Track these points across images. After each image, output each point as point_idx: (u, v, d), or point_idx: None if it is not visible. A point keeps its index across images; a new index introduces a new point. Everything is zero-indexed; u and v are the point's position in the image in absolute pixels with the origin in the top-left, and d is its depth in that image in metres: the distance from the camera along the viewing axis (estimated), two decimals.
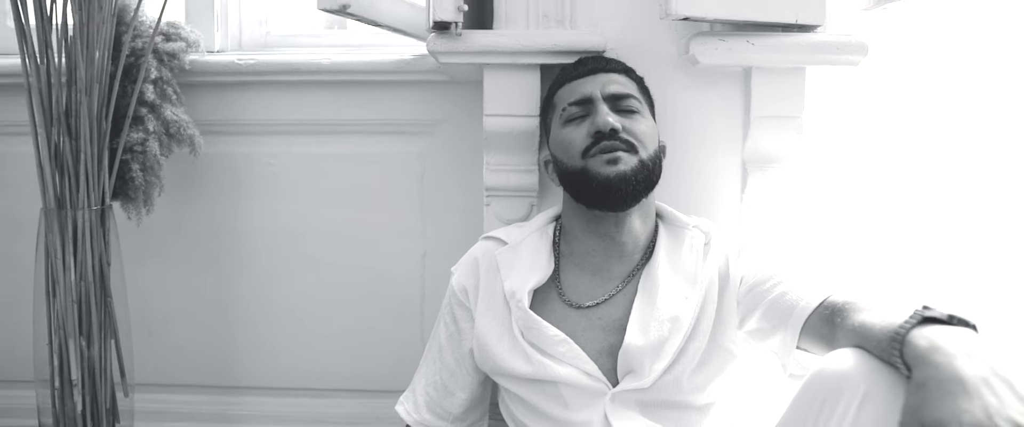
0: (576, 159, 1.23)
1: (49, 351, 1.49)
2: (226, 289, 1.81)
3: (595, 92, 1.27)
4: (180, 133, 1.61)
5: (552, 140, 1.32)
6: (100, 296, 1.50)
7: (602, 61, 1.33)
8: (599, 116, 1.23)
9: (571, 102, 1.27)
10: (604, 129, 1.21)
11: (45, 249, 1.48)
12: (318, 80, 1.72)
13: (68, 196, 1.47)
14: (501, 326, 1.27)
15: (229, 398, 1.84)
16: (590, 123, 1.24)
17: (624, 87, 1.29)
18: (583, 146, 1.23)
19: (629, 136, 1.23)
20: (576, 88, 1.29)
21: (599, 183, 1.20)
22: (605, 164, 1.20)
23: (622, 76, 1.32)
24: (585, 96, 1.27)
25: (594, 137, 1.22)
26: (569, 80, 1.31)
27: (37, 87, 1.46)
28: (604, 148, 1.21)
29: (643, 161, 1.22)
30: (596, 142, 1.22)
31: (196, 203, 1.77)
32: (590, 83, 1.28)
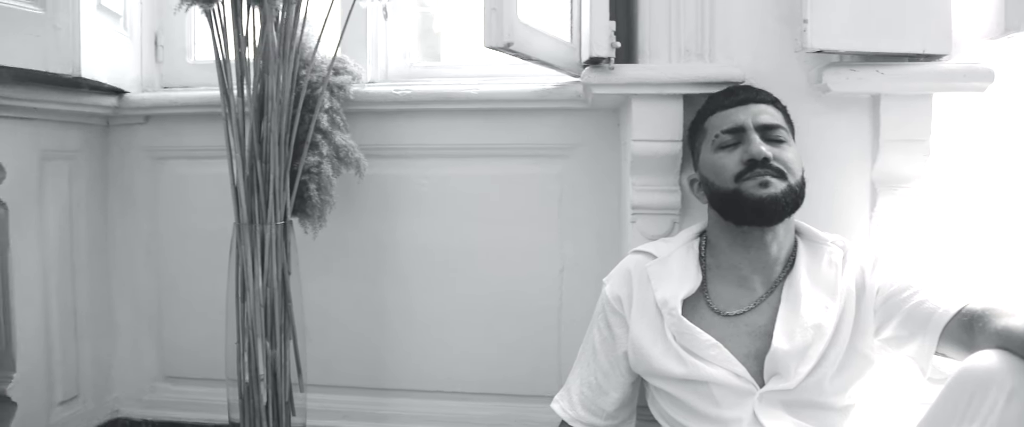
0: (729, 182, 1.35)
1: (238, 350, 1.68)
2: (380, 298, 1.98)
3: (747, 121, 1.38)
4: (348, 157, 1.80)
5: (702, 162, 1.43)
6: (282, 302, 1.69)
7: (752, 92, 1.44)
8: (752, 145, 1.34)
9: (724, 130, 1.39)
10: (757, 157, 1.32)
11: (237, 259, 1.68)
12: (467, 108, 1.89)
13: (257, 212, 1.66)
14: (654, 331, 1.39)
15: (380, 399, 2.01)
16: (742, 151, 1.35)
17: (773, 118, 1.40)
18: (736, 171, 1.34)
19: (779, 164, 1.34)
20: (728, 117, 1.40)
21: (752, 203, 1.32)
22: (757, 187, 1.32)
23: (771, 106, 1.42)
24: (738, 125, 1.38)
25: (747, 164, 1.34)
26: (721, 108, 1.42)
27: (233, 117, 1.66)
28: (756, 174, 1.32)
29: (791, 185, 1.34)
30: (749, 168, 1.33)
31: (356, 220, 1.95)
32: (742, 113, 1.39)
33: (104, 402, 2.10)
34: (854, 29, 1.50)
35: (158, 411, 2.11)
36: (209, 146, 1.98)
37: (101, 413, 2.09)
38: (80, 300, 2.00)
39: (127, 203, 2.10)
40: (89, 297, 2.04)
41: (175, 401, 2.11)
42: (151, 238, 2.09)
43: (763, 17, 1.60)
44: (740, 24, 1.60)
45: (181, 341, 2.09)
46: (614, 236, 1.88)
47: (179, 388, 2.11)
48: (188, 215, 2.06)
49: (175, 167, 2.07)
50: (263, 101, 1.66)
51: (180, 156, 2.06)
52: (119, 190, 2.10)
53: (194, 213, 2.05)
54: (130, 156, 2.08)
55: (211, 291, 2.00)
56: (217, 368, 1.96)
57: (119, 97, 2.01)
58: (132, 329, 2.12)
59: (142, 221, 2.09)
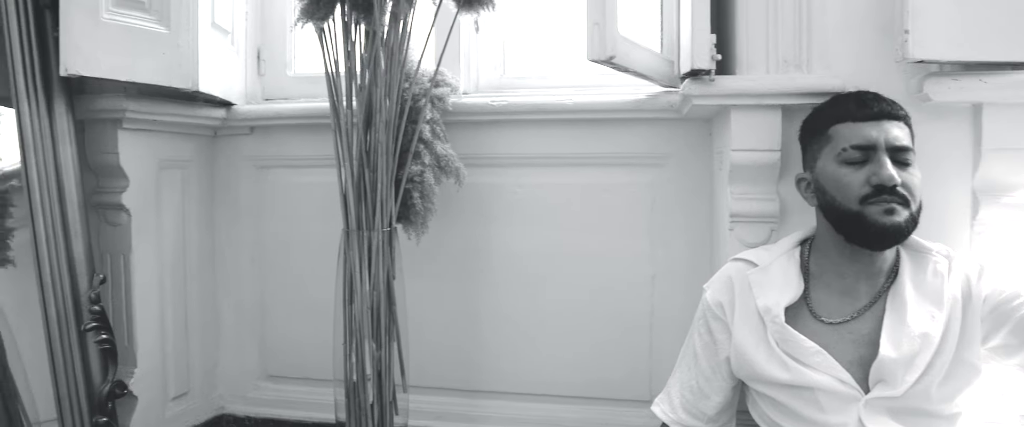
0: (852, 202, 1.34)
1: (345, 351, 1.76)
2: (474, 302, 2.05)
3: (880, 140, 1.34)
4: (449, 166, 1.87)
5: (821, 171, 1.41)
6: (387, 305, 1.76)
7: (886, 105, 1.39)
8: (883, 170, 1.31)
9: (853, 145, 1.35)
10: (887, 184, 1.30)
11: (345, 263, 1.76)
12: (561, 118, 1.95)
13: (364, 219, 1.74)
14: (757, 337, 1.42)
15: (472, 400, 2.07)
16: (871, 172, 1.33)
17: (904, 139, 1.37)
18: (861, 193, 1.32)
19: (905, 191, 1.32)
20: (860, 131, 1.36)
21: (875, 230, 1.32)
22: (882, 214, 1.31)
23: (902, 124, 1.39)
24: (869, 143, 1.35)
25: (875, 188, 1.31)
26: (852, 119, 1.38)
27: (343, 128, 1.74)
28: (883, 200, 1.31)
29: (912, 213, 1.33)
30: (875, 193, 1.31)
31: (452, 226, 2.02)
32: (875, 129, 1.36)
33: (210, 399, 2.21)
34: (956, 38, 1.50)
35: (260, 409, 2.21)
36: (310, 155, 2.09)
37: (208, 409, 2.20)
38: (191, 302, 2.12)
39: (233, 210, 2.21)
40: (198, 299, 2.15)
41: (276, 399, 2.20)
42: (255, 243, 2.20)
43: (861, 27, 1.61)
44: (837, 34, 1.62)
45: (282, 342, 2.19)
46: (705, 243, 1.91)
47: (280, 386, 2.20)
48: (290, 222, 2.16)
49: (278, 176, 2.17)
50: (370, 113, 1.73)
51: (282, 165, 2.16)
52: (225, 197, 2.21)
53: (296, 220, 2.15)
54: (236, 165, 2.19)
55: (311, 294, 2.10)
56: (316, 368, 2.06)
57: (227, 109, 2.12)
58: (236, 330, 2.23)
59: (246, 227, 2.20)
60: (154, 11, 1.78)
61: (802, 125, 1.50)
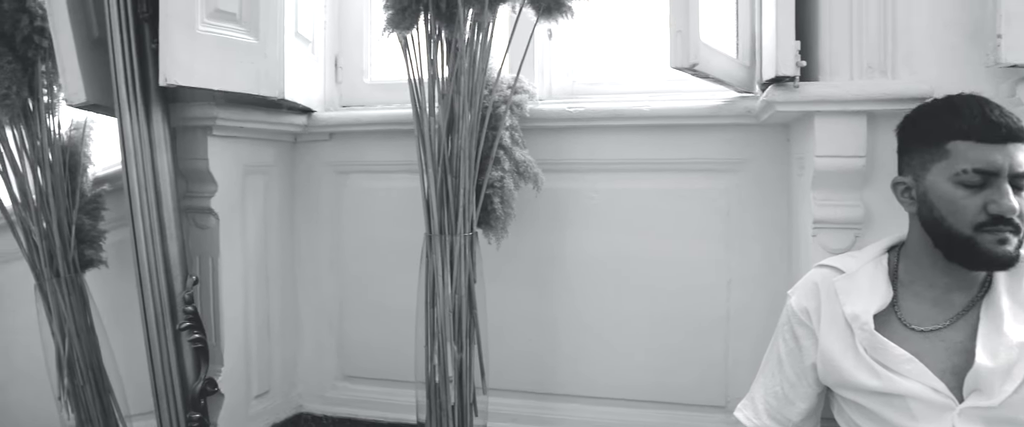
0: (965, 227, 1.30)
1: (427, 353, 1.80)
2: (550, 306, 2.07)
3: (1005, 167, 1.26)
4: (528, 171, 1.90)
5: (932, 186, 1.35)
6: (468, 308, 1.79)
7: (1014, 126, 1.29)
8: (1006, 200, 1.27)
9: (975, 168, 1.29)
10: (1008, 216, 1.27)
11: (427, 267, 1.79)
12: (637, 124, 1.96)
13: (447, 224, 1.77)
14: (844, 344, 1.42)
15: (547, 403, 2.10)
16: (989, 198, 1.28)
17: None
18: (977, 220, 1.28)
19: (1020, 220, 1.28)
20: (985, 154, 1.28)
21: (985, 259, 1.29)
22: (996, 243, 1.28)
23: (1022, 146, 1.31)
24: (993, 169, 1.27)
25: (992, 217, 1.27)
26: (978, 139, 1.29)
27: (426, 135, 1.78)
28: (999, 230, 1.28)
29: (1021, 239, 1.30)
30: (993, 222, 1.28)
31: (528, 230, 2.04)
32: (1000, 154, 1.27)
33: (290, 398, 2.28)
34: None
35: (338, 408, 2.27)
36: (387, 161, 2.14)
37: (287, 408, 2.26)
38: (272, 303, 2.18)
39: (312, 214, 2.27)
40: (279, 301, 2.21)
41: (353, 399, 2.26)
42: (333, 247, 2.25)
43: (947, 31, 1.59)
44: (923, 39, 1.60)
45: (359, 343, 2.25)
46: (783, 249, 1.90)
47: (356, 387, 2.26)
48: (367, 225, 2.21)
49: (356, 180, 2.22)
50: (453, 120, 1.77)
51: (360, 170, 2.22)
52: (305, 202, 2.27)
53: (373, 224, 2.20)
54: (315, 170, 2.25)
55: (388, 297, 2.15)
56: (392, 369, 2.11)
57: (308, 116, 2.18)
58: (315, 331, 2.29)
59: (325, 231, 2.26)
60: (244, 22, 1.85)
61: (906, 127, 1.43)
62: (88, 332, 2.04)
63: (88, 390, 2.02)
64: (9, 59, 1.92)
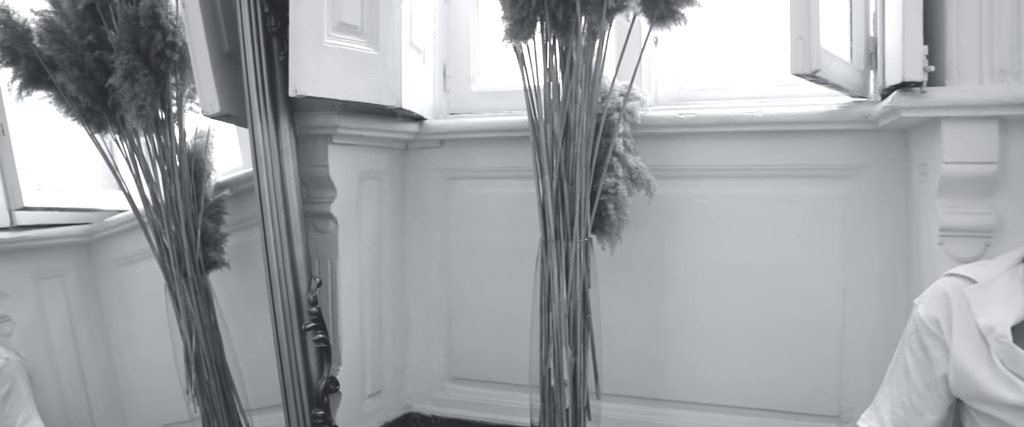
0: None
1: (541, 357, 1.83)
2: (660, 311, 2.08)
3: None
4: (640, 178, 1.91)
5: None
6: (582, 313, 1.82)
7: None
8: None
9: None
10: None
11: (543, 271, 1.83)
12: (749, 130, 1.95)
13: (562, 229, 1.80)
14: (979, 356, 1.38)
15: (656, 409, 2.10)
16: None
17: None
18: None
19: None
20: None
21: None
22: None
23: None
24: None
25: None
26: None
27: (543, 142, 1.81)
28: None
29: None
30: None
31: (639, 236, 2.05)
32: None
33: (399, 398, 2.34)
34: None
35: (446, 409, 2.32)
36: (496, 167, 2.19)
37: (397, 408, 2.33)
38: (384, 305, 2.25)
39: (422, 219, 2.33)
40: (391, 303, 2.28)
41: (461, 400, 2.31)
42: (442, 251, 2.31)
43: None
44: None
45: (467, 346, 2.30)
46: (901, 257, 1.87)
47: (465, 388, 2.31)
48: (476, 230, 2.26)
49: (465, 186, 2.28)
50: (568, 127, 1.80)
51: (469, 176, 2.27)
52: (415, 207, 2.33)
53: (482, 229, 2.25)
54: (425, 177, 2.32)
55: (496, 301, 2.19)
56: (501, 371, 2.15)
57: (419, 124, 2.24)
58: (424, 333, 2.35)
59: (434, 235, 2.32)
60: (366, 34, 1.91)
61: None
62: (213, 330, 2.15)
63: (213, 385, 2.13)
64: (145, 72, 2.04)
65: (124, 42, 2.04)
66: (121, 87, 2.04)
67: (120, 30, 2.05)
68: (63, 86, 2.12)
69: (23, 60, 2.14)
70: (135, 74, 2.03)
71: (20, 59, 2.14)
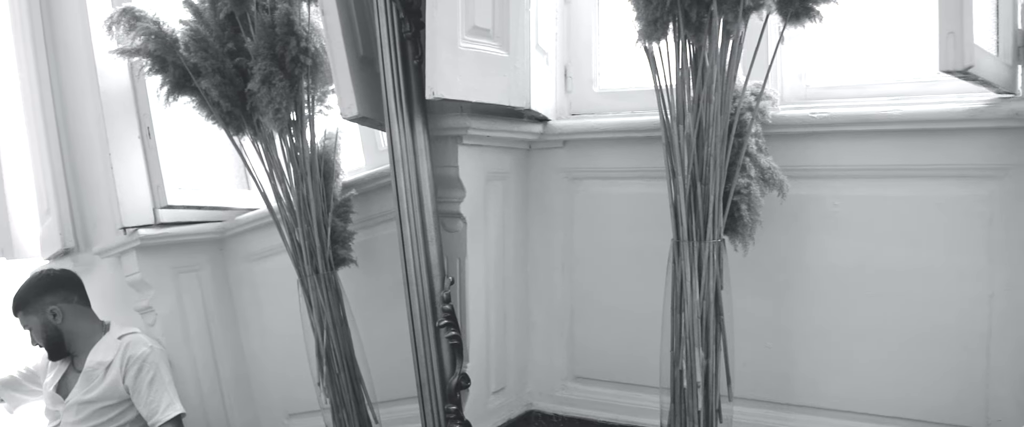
0: None
1: (673, 358, 1.82)
2: (789, 314, 2.04)
3: None
4: (773, 178, 1.88)
5: None
6: (715, 315, 1.80)
7: None
8: None
9: None
10: None
11: (675, 272, 1.82)
12: (885, 129, 1.89)
13: (695, 230, 1.79)
14: None
15: (783, 414, 2.07)
16: None
17: None
18: None
19: None
20: None
21: None
22: None
23: None
24: None
25: None
26: None
27: (676, 142, 1.81)
28: None
29: None
30: None
31: (768, 238, 2.01)
32: None
33: (521, 396, 2.38)
34: None
35: (567, 407, 2.34)
36: (620, 168, 2.19)
37: (519, 405, 2.36)
38: (508, 305, 2.29)
39: (545, 219, 2.35)
40: (514, 302, 2.32)
41: (582, 399, 2.32)
42: (565, 251, 2.33)
43: None
44: None
45: (590, 345, 2.31)
46: None
47: (587, 388, 2.32)
48: (599, 230, 2.27)
49: (588, 187, 2.29)
50: (702, 128, 1.79)
51: (593, 177, 2.28)
52: (538, 207, 2.36)
53: (605, 229, 2.25)
54: (548, 177, 2.34)
55: (620, 301, 2.20)
56: (624, 372, 2.15)
57: (544, 125, 2.27)
58: (546, 332, 2.37)
59: (557, 235, 2.34)
60: (497, 38, 1.95)
61: None
62: (342, 325, 2.23)
63: (343, 377, 2.21)
64: (280, 77, 2.13)
65: (261, 49, 2.14)
66: (259, 91, 2.14)
67: (257, 37, 2.15)
68: (206, 91, 2.24)
69: (170, 67, 2.27)
70: (272, 79, 2.12)
71: (168, 67, 2.27)
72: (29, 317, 2.54)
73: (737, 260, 1.92)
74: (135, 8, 2.24)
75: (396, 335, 2.17)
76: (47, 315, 2.51)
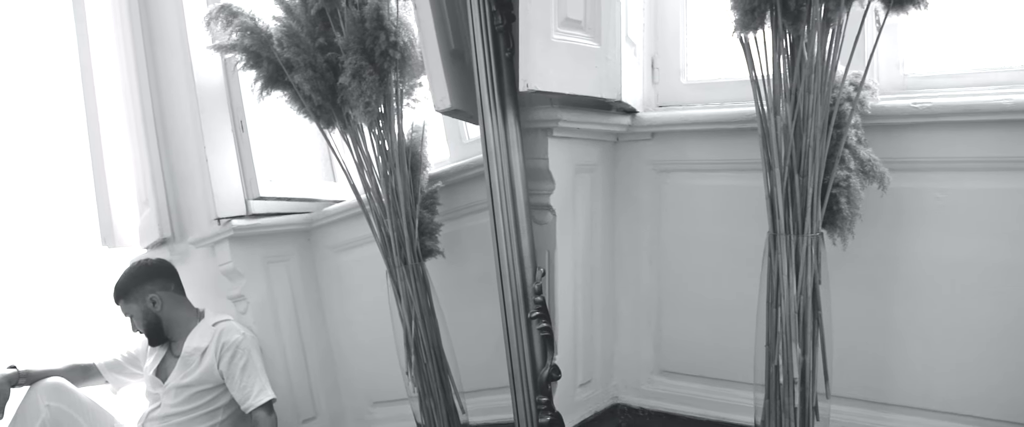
0: None
1: (768, 354, 1.80)
2: (889, 311, 1.99)
3: None
4: (873, 170, 1.84)
5: None
6: (813, 310, 1.77)
7: None
8: None
9: None
10: None
11: (771, 267, 1.79)
12: (995, 119, 1.82)
13: (792, 224, 1.76)
14: None
15: (880, 413, 2.02)
16: None
17: None
18: None
19: None
20: None
21: None
22: None
23: None
24: None
25: None
26: None
27: (772, 134, 1.77)
28: None
29: None
30: None
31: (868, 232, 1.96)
32: None
33: (607, 389, 2.38)
34: None
35: (653, 402, 2.33)
36: (709, 160, 2.17)
37: (605, 398, 2.36)
38: (595, 297, 2.29)
39: (632, 211, 2.34)
40: (601, 295, 2.31)
41: (668, 394, 2.31)
42: (652, 243, 2.31)
43: None
44: None
45: (678, 339, 2.29)
46: None
47: (674, 382, 2.30)
48: (688, 223, 2.24)
49: (676, 179, 2.27)
50: (800, 119, 1.75)
51: (682, 169, 2.25)
52: (625, 199, 2.35)
53: (694, 221, 2.23)
54: (635, 169, 2.32)
55: (709, 294, 2.17)
56: (713, 367, 2.13)
57: (632, 116, 2.26)
58: (632, 325, 2.36)
59: (645, 227, 2.32)
60: (589, 29, 1.95)
61: None
62: (430, 315, 2.26)
63: (430, 366, 2.23)
64: (370, 71, 2.17)
65: (352, 43, 2.18)
66: (349, 85, 2.18)
67: (347, 32, 2.19)
68: (299, 85, 2.28)
69: (264, 63, 2.33)
70: (362, 73, 2.16)
71: (262, 62, 2.33)
72: (130, 305, 2.64)
73: (834, 254, 1.88)
74: (232, 4, 2.30)
75: (480, 327, 2.20)
76: (147, 303, 2.61)
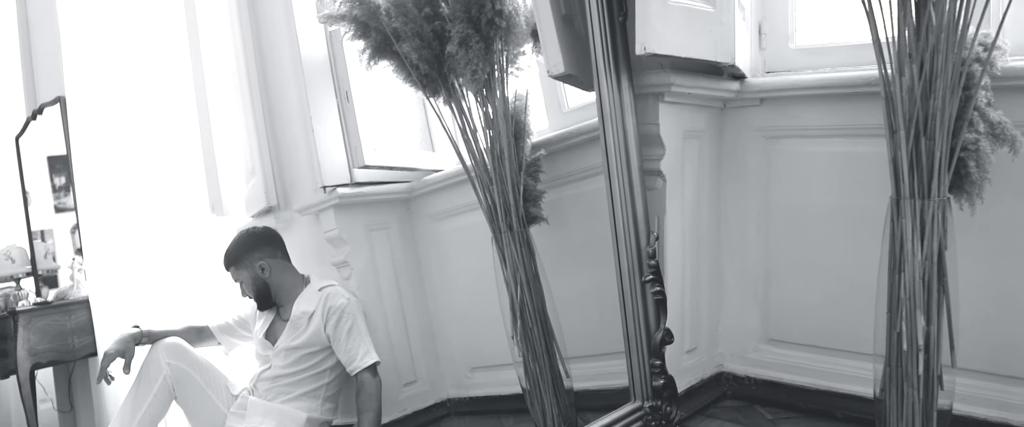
0: None
1: (889, 322, 1.76)
2: (1015, 280, 1.92)
3: None
4: (1004, 134, 1.77)
5: None
6: (938, 276, 1.73)
7: None
8: None
9: None
10: None
11: (893, 232, 1.75)
12: None
13: (918, 188, 1.72)
14: None
15: (1008, 387, 1.94)
16: None
17: None
18: None
19: None
20: None
21: None
22: None
23: None
24: None
25: None
26: None
27: (898, 97, 1.73)
28: None
29: None
30: None
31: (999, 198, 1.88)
32: None
33: (712, 356, 2.37)
34: None
35: (759, 370, 2.31)
36: (821, 126, 2.12)
37: (710, 366, 2.36)
38: (702, 264, 2.28)
39: (739, 178, 2.32)
40: (708, 262, 2.31)
41: (776, 362, 2.29)
42: (760, 211, 2.29)
43: None
44: None
45: (786, 307, 2.26)
46: None
47: (780, 350, 2.28)
48: (799, 190, 2.21)
49: (786, 145, 2.23)
50: (926, 80, 1.70)
51: (792, 135, 2.21)
52: (732, 166, 2.32)
53: (805, 188, 2.19)
54: (743, 135, 2.30)
55: (820, 262, 2.14)
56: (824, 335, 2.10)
57: (740, 82, 2.23)
58: (739, 293, 2.35)
59: (752, 194, 2.30)
60: None
61: None
62: (535, 281, 2.28)
63: (536, 332, 2.26)
64: (477, 39, 2.19)
65: (458, 12, 2.20)
66: (457, 53, 2.20)
67: (454, 1, 2.21)
68: (406, 55, 2.32)
69: (372, 33, 2.37)
70: (469, 41, 2.18)
71: (370, 32, 2.37)
72: (240, 271, 2.74)
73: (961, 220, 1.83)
74: None
75: (582, 293, 2.21)
76: (256, 269, 2.70)
